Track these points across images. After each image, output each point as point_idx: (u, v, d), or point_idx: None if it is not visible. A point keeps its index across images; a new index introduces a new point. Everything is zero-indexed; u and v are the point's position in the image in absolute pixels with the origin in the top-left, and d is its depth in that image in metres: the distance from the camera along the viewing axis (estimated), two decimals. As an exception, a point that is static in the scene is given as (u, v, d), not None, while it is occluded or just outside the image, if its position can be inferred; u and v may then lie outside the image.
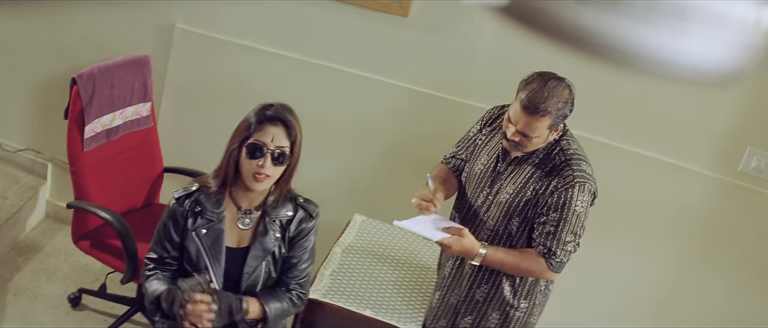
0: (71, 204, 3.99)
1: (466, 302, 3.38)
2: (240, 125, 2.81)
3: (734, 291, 4.21)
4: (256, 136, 2.75)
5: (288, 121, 2.77)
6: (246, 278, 2.89)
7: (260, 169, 2.74)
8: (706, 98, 3.98)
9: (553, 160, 3.14)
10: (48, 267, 4.55)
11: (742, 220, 4.13)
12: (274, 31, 4.31)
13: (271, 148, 2.74)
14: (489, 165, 3.29)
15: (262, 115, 2.77)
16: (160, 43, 4.42)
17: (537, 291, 3.32)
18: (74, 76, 3.87)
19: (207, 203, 2.85)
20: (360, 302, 3.65)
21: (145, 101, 4.22)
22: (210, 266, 2.84)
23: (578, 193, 3.07)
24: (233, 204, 2.89)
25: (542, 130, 3.03)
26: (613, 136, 4.12)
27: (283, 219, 2.92)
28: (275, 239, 2.91)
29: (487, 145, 3.35)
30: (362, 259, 3.94)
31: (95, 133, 4.00)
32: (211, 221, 2.84)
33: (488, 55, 4.07)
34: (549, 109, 2.98)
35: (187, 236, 2.85)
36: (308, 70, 4.32)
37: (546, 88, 3.00)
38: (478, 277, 3.32)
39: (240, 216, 2.89)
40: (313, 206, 3.01)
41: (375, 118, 4.34)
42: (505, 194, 3.19)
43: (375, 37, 4.23)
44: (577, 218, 3.09)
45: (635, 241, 4.25)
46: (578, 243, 3.16)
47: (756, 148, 4.01)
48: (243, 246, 2.90)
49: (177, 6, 4.39)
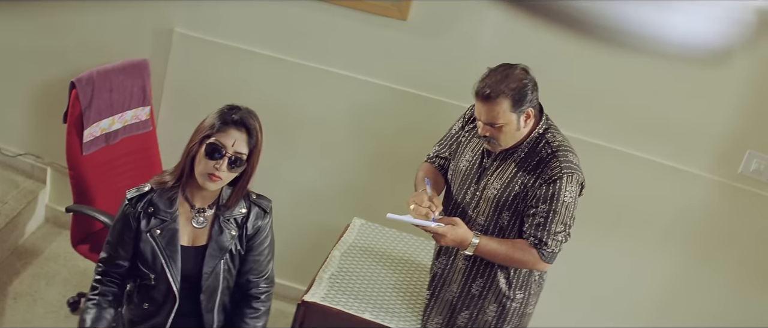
0: (70, 208, 3.98)
1: (461, 297, 3.40)
2: (203, 123, 2.82)
3: (734, 294, 4.21)
4: (217, 137, 2.75)
5: (251, 128, 2.77)
6: (205, 277, 2.91)
7: (215, 170, 2.75)
8: (706, 100, 3.98)
9: (539, 154, 3.16)
10: (47, 271, 4.54)
11: (741, 222, 4.13)
12: (273, 35, 4.31)
13: (230, 152, 2.75)
14: (474, 161, 3.31)
15: (227, 117, 2.77)
16: (159, 47, 4.42)
17: (532, 281, 3.35)
18: (73, 80, 3.87)
19: (160, 202, 2.85)
20: (359, 305, 3.64)
21: (145, 105, 4.22)
22: (166, 266, 2.84)
23: (566, 183, 3.09)
24: (186, 202, 2.88)
25: (506, 115, 3.05)
26: (612, 138, 4.12)
27: (238, 217, 2.93)
28: (231, 236, 2.91)
29: (471, 141, 3.37)
30: (361, 262, 3.93)
31: (94, 138, 4.00)
32: (164, 221, 2.85)
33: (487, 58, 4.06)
34: (503, 89, 3.02)
35: (140, 237, 2.85)
36: (307, 74, 4.31)
37: (495, 73, 3.08)
38: (472, 272, 3.34)
39: (194, 214, 2.88)
40: (266, 202, 3.02)
41: (373, 122, 4.34)
42: (492, 190, 3.21)
43: (374, 41, 4.22)
44: (566, 209, 3.12)
45: (634, 244, 4.25)
46: (569, 233, 3.18)
47: (756, 151, 4.02)
48: (198, 245, 2.90)
49: (176, 10, 4.39)
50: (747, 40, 1.11)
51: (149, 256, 2.85)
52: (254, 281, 3.04)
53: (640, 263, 4.27)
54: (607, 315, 4.35)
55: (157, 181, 2.90)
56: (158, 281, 2.88)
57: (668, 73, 3.96)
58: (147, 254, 2.85)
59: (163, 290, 2.89)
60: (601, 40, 1.04)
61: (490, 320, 3.39)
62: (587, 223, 4.14)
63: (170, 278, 2.85)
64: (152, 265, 2.86)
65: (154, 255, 2.85)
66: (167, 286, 2.88)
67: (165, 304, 2.92)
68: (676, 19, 1.01)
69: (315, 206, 4.53)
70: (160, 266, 2.85)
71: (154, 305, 2.93)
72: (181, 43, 4.39)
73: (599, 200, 4.12)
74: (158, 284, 2.89)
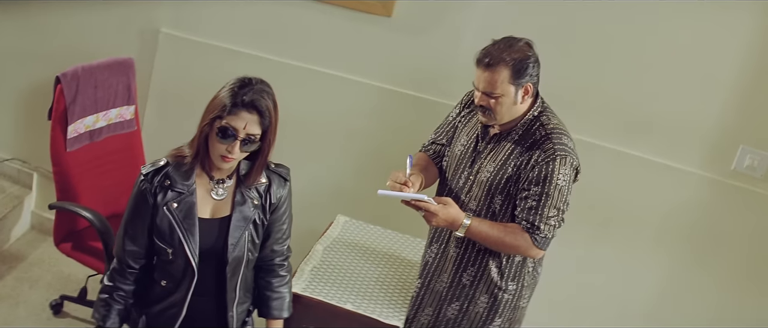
0: (53, 205, 3.94)
1: (452, 287, 3.32)
2: (214, 102, 2.73)
3: (728, 293, 4.12)
4: (228, 120, 2.66)
5: (263, 110, 2.69)
6: (231, 249, 2.83)
7: (228, 153, 2.69)
8: (697, 95, 3.93)
9: (533, 135, 3.10)
10: (31, 276, 4.49)
11: (735, 220, 4.05)
12: (259, 35, 4.30)
13: (242, 135, 2.68)
14: (469, 145, 3.25)
15: (237, 98, 2.68)
16: (145, 48, 4.42)
17: (525, 272, 3.26)
18: (58, 75, 3.86)
19: (176, 175, 2.78)
20: (341, 296, 3.57)
21: (129, 104, 4.20)
22: (184, 239, 2.77)
23: (560, 166, 3.02)
24: (205, 175, 2.82)
25: (505, 85, 3.00)
26: (601, 135, 4.06)
27: (259, 186, 2.88)
28: (254, 206, 2.86)
29: (467, 126, 3.32)
30: (344, 256, 3.87)
31: (78, 134, 3.97)
32: (181, 194, 2.77)
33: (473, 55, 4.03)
34: (504, 58, 2.98)
35: (157, 211, 2.78)
36: (292, 73, 4.29)
37: (499, 43, 3.05)
38: (463, 260, 3.26)
39: (213, 186, 2.82)
40: (285, 170, 2.97)
41: (359, 121, 4.30)
42: (485, 173, 3.15)
43: (359, 39, 4.21)
44: (560, 192, 3.04)
45: (626, 242, 4.17)
46: (562, 218, 3.10)
47: (749, 146, 3.95)
48: (219, 217, 2.84)
49: (162, 10, 4.39)
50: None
51: (167, 230, 2.78)
52: (278, 250, 3.02)
53: (632, 262, 4.18)
54: (599, 315, 4.25)
55: (173, 154, 2.84)
56: (176, 256, 2.80)
57: (658, 67, 3.92)
58: (164, 228, 2.78)
59: (182, 265, 2.81)
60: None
61: (482, 312, 3.30)
62: (577, 222, 4.08)
63: (188, 252, 2.78)
64: (170, 239, 2.78)
65: (172, 229, 2.77)
66: (186, 260, 2.80)
67: (183, 280, 2.84)
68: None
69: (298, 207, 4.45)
70: (178, 239, 2.77)
71: (173, 281, 2.85)
72: (167, 43, 4.38)
73: (589, 198, 4.05)
74: (176, 259, 2.80)
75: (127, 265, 2.86)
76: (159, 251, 2.83)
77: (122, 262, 2.87)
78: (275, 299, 3.06)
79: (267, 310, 3.07)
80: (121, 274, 2.88)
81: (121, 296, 2.88)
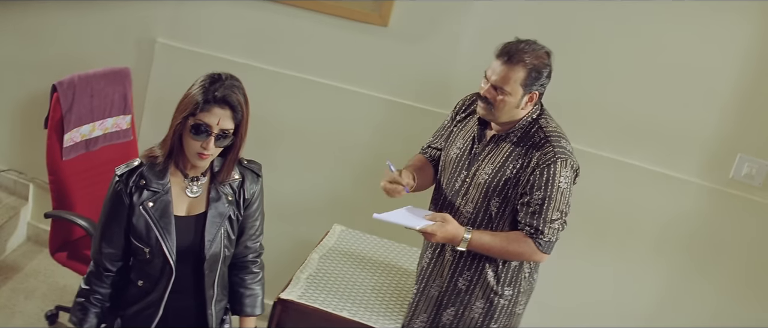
0: (49, 213, 3.93)
1: (448, 292, 3.29)
2: (186, 100, 2.72)
3: (727, 301, 4.09)
4: (201, 116, 2.67)
5: (235, 105, 2.70)
6: (208, 246, 2.84)
7: (203, 150, 2.70)
8: (695, 104, 3.91)
9: (532, 138, 3.10)
10: (26, 287, 4.47)
11: (734, 229, 4.03)
12: (255, 45, 4.30)
13: (215, 130, 2.69)
14: (465, 148, 3.24)
15: (209, 95, 2.68)
16: (141, 58, 4.41)
17: (521, 278, 3.24)
18: (55, 84, 3.86)
19: (150, 175, 2.79)
20: (337, 304, 3.55)
21: (125, 114, 4.19)
22: (161, 237, 2.77)
23: (561, 168, 3.03)
24: (179, 173, 2.83)
25: (516, 86, 3.01)
26: (599, 144, 4.04)
27: (232, 183, 2.89)
28: (228, 202, 2.87)
29: (462, 130, 3.31)
30: (340, 264, 3.85)
31: (74, 143, 3.97)
32: (156, 193, 2.79)
33: (470, 65, 4.02)
34: (525, 59, 3.00)
35: (133, 211, 2.78)
36: (289, 83, 4.29)
37: (524, 42, 3.06)
38: (459, 264, 3.24)
39: (187, 184, 2.83)
40: (257, 165, 2.98)
41: (356, 131, 4.29)
42: (483, 175, 3.13)
43: (355, 48, 4.20)
44: (562, 195, 3.04)
45: (623, 252, 4.14)
46: (565, 221, 3.10)
47: (747, 155, 3.93)
48: (194, 214, 2.84)
49: (158, 21, 4.39)
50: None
51: (143, 229, 2.78)
52: (251, 247, 3.02)
53: (631, 271, 4.15)
54: (598, 325, 4.21)
55: (146, 155, 2.84)
56: (153, 255, 2.80)
57: (656, 76, 3.91)
58: (140, 228, 2.78)
59: (159, 264, 2.82)
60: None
61: (477, 318, 3.27)
62: (575, 231, 4.04)
63: (166, 250, 2.78)
64: (146, 238, 2.79)
65: (148, 228, 2.78)
66: (163, 259, 2.80)
67: (161, 279, 2.84)
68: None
69: (294, 218, 4.45)
70: (155, 238, 2.78)
71: (150, 281, 2.85)
72: (163, 53, 4.38)
73: (587, 207, 4.03)
74: (153, 259, 2.80)
75: (104, 267, 2.86)
76: (136, 250, 2.82)
77: (99, 265, 2.87)
78: (248, 297, 3.05)
79: (240, 307, 3.07)
80: (97, 277, 2.88)
81: (97, 299, 2.88)
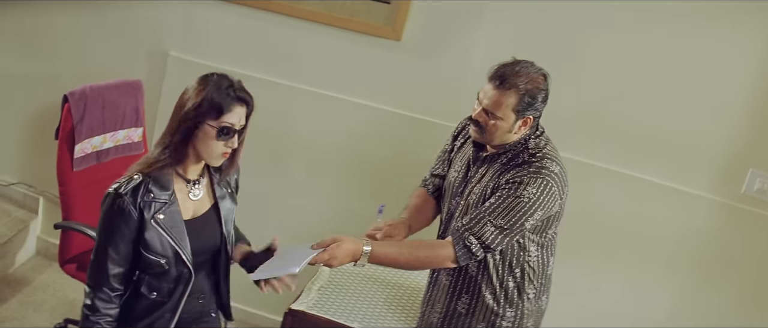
0: (59, 224, 3.92)
1: (448, 317, 3.21)
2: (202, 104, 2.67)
3: (738, 318, 4.06)
4: (225, 119, 2.67)
5: (249, 101, 2.74)
6: (230, 239, 2.90)
7: (228, 149, 2.72)
8: (706, 118, 3.92)
9: (517, 159, 3.01)
10: (35, 300, 4.46)
11: (745, 244, 4.01)
12: (267, 58, 4.31)
13: (238, 128, 2.72)
14: (461, 171, 3.20)
15: (231, 96, 2.70)
16: (154, 72, 4.43)
17: (524, 299, 3.14)
18: (66, 94, 3.86)
19: (155, 188, 2.74)
20: (348, 315, 3.53)
21: (137, 126, 4.20)
22: (178, 247, 2.75)
23: (529, 182, 2.91)
24: (181, 179, 2.81)
25: (507, 111, 2.92)
26: (609, 159, 4.04)
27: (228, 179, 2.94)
28: (230, 196, 2.93)
29: (459, 153, 3.28)
30: (351, 278, 3.84)
31: (85, 154, 3.96)
32: (165, 204, 2.74)
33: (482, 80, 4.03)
34: (518, 84, 2.89)
35: (145, 226, 2.72)
36: (302, 97, 4.30)
37: (518, 65, 2.95)
38: (456, 288, 3.17)
39: (190, 188, 2.83)
40: None
41: (368, 145, 4.29)
42: (473, 196, 3.07)
43: (368, 62, 4.21)
44: (518, 206, 2.90)
45: (635, 267, 4.12)
46: (505, 236, 2.93)
47: (759, 170, 3.92)
48: (200, 215, 2.84)
49: (171, 34, 4.40)
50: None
51: (158, 243, 2.74)
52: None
53: (642, 287, 4.13)
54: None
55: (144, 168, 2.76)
56: (170, 265, 2.77)
57: (666, 90, 3.91)
58: (155, 242, 2.74)
59: (175, 273, 2.79)
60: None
61: None
62: (584, 246, 4.05)
63: (184, 257, 2.76)
64: (162, 251, 2.75)
65: (163, 241, 2.74)
66: (181, 266, 2.78)
67: (178, 286, 2.81)
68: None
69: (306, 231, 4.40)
70: (172, 249, 2.75)
71: (163, 291, 2.81)
72: (175, 66, 4.39)
73: (598, 222, 4.03)
74: (170, 269, 2.78)
75: (112, 289, 2.76)
76: (150, 264, 2.76)
77: (105, 287, 2.76)
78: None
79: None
80: (106, 300, 2.77)
81: (108, 323, 2.79)
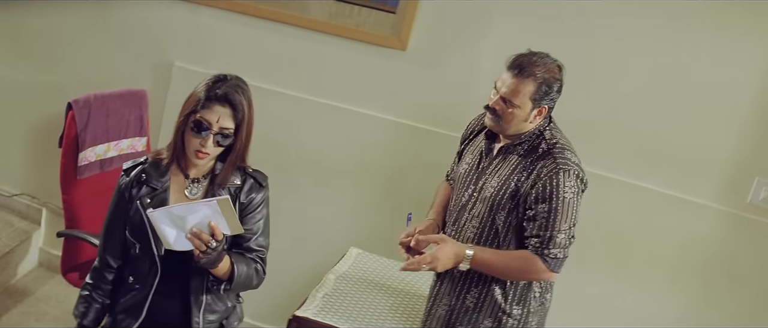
0: (62, 232, 3.90)
1: (456, 310, 3.22)
2: (190, 97, 2.78)
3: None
4: (202, 114, 2.71)
5: (235, 103, 2.73)
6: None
7: (201, 147, 2.73)
8: (712, 127, 3.91)
9: (536, 151, 3.06)
10: (37, 310, 4.44)
11: (751, 254, 3.99)
12: (273, 69, 4.31)
13: (215, 129, 2.72)
14: (473, 163, 3.22)
15: (211, 92, 2.73)
16: (158, 82, 4.43)
17: (530, 297, 3.16)
18: (70, 102, 3.86)
19: (152, 172, 2.84)
20: (352, 323, 3.50)
21: (141, 136, 4.19)
22: (150, 235, 2.78)
23: (564, 179, 2.97)
24: (181, 173, 2.85)
25: (525, 99, 2.98)
26: (615, 168, 4.04)
27: (231, 187, 2.88)
28: None
29: (470, 146, 3.31)
30: (356, 285, 3.81)
31: (89, 162, 3.95)
32: (155, 190, 2.82)
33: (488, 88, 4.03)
34: (536, 73, 2.97)
35: (132, 205, 2.82)
36: (307, 107, 4.29)
37: (535, 55, 3.03)
38: (467, 282, 3.18)
39: (188, 185, 2.85)
40: (263, 176, 2.96)
41: (374, 155, 4.28)
42: (489, 189, 3.10)
43: (374, 72, 4.21)
44: (568, 206, 2.98)
45: (641, 276, 4.10)
46: (573, 235, 3.03)
47: (765, 179, 3.91)
48: None
49: (176, 44, 4.41)
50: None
51: (138, 224, 2.81)
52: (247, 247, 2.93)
53: (647, 296, 4.10)
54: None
55: (153, 153, 2.90)
56: (142, 251, 2.82)
57: (672, 99, 3.91)
58: (136, 223, 2.81)
59: (148, 260, 2.83)
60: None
61: None
62: (589, 255, 4.03)
63: (154, 247, 2.78)
64: (139, 234, 2.80)
65: (142, 223, 2.79)
66: (151, 257, 2.81)
67: (148, 276, 2.84)
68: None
69: (311, 240, 4.43)
70: (145, 233, 2.78)
71: (138, 278, 2.86)
72: (180, 76, 4.39)
73: (604, 232, 4.02)
74: (143, 254, 2.82)
75: (107, 263, 2.91)
76: (129, 245, 2.85)
77: (102, 260, 2.92)
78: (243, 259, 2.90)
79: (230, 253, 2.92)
80: (101, 272, 2.92)
81: (99, 295, 2.92)
